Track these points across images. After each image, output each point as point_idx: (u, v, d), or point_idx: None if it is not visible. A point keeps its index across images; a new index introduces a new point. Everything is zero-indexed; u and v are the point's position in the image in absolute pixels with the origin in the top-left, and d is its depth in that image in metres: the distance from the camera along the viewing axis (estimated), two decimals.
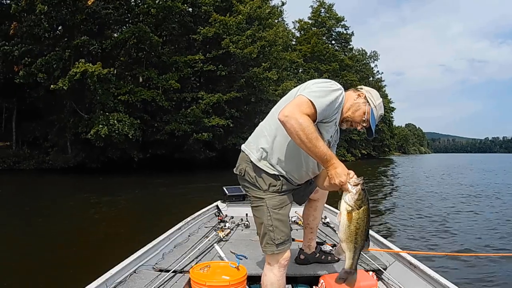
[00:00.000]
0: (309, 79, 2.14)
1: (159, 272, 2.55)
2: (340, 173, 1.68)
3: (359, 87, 2.08)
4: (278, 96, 22.83)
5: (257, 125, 2.15)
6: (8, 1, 22.90)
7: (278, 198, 2.00)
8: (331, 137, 1.95)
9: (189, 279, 2.30)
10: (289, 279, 2.44)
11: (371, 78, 61.22)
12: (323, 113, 1.77)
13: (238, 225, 4.07)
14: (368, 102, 1.96)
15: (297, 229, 3.81)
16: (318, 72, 40.70)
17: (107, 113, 19.90)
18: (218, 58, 24.20)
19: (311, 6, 51.82)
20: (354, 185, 1.67)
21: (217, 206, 4.77)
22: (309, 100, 1.73)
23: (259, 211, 2.02)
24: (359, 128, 1.99)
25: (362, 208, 1.68)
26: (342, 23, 52.21)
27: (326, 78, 40.03)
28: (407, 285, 2.44)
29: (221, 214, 4.48)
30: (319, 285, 2.37)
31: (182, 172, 21.56)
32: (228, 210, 4.66)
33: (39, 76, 19.73)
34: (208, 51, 24.62)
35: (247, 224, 4.07)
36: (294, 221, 4.17)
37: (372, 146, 58.03)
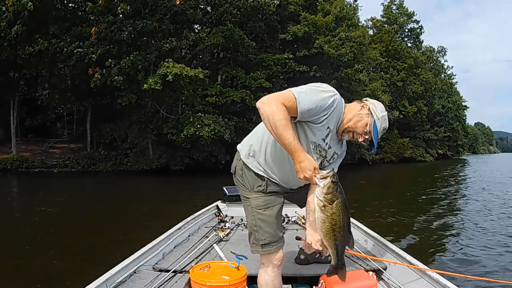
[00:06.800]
0: (389, 78, 3.18)
1: (159, 272, 2.54)
2: (305, 167, 1.64)
3: (364, 99, 1.97)
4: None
5: None
6: (72, 4, 22.29)
7: (263, 198, 1.99)
8: (325, 142, 1.88)
9: (189, 279, 2.27)
10: (289, 279, 2.52)
11: (442, 75, 58.61)
12: (306, 110, 1.71)
13: (238, 225, 4.01)
14: (371, 113, 1.86)
15: (297, 229, 3.84)
16: (396, 70, 39.90)
17: (199, 114, 19.22)
18: (308, 57, 23.56)
19: (382, 3, 50.54)
20: (321, 178, 1.62)
21: (217, 206, 4.69)
22: (293, 94, 1.70)
23: (246, 211, 2.07)
24: (361, 140, 1.89)
25: (335, 203, 1.62)
26: (413, 18, 50.25)
27: (402, 76, 39.02)
28: (407, 285, 2.41)
29: (221, 214, 4.42)
30: (319, 285, 2.30)
31: None
32: (228, 210, 4.58)
33: (115, 80, 18.87)
34: (298, 49, 24.02)
35: (247, 224, 3.66)
36: (294, 221, 4.15)
37: (447, 146, 55.73)
